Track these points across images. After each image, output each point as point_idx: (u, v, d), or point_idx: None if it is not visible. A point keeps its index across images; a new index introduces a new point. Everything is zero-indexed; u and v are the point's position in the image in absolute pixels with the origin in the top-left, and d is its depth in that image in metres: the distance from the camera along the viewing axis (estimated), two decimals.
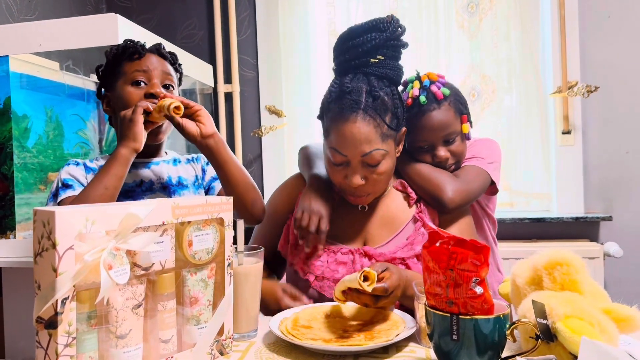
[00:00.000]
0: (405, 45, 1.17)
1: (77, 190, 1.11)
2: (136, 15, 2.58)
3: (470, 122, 1.29)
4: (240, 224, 1.01)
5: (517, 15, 2.28)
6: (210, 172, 1.29)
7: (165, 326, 0.81)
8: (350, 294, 0.96)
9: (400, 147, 1.21)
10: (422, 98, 1.22)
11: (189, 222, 0.83)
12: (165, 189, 1.22)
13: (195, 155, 1.34)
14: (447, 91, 1.24)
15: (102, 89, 1.21)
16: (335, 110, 1.13)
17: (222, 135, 2.50)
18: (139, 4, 2.62)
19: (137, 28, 1.70)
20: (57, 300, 0.65)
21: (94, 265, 0.68)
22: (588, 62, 2.21)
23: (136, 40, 1.19)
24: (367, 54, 1.12)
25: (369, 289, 0.92)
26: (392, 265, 1.03)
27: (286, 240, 1.28)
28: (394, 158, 1.17)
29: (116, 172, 1.03)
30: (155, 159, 1.24)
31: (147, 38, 1.81)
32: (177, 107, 1.05)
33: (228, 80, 2.52)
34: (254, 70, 2.53)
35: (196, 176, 1.29)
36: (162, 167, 1.24)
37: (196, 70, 2.33)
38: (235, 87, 2.50)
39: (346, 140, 1.10)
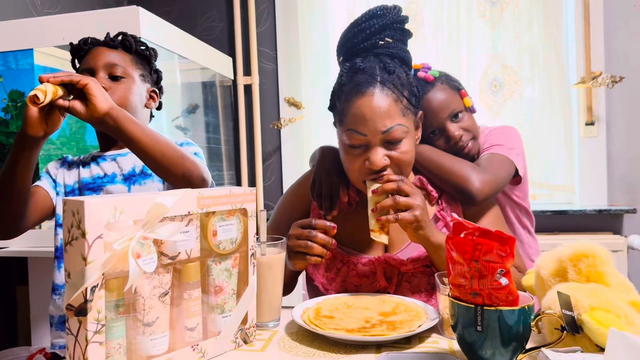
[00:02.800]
0: (410, 33, 1.12)
1: (43, 181, 1.23)
2: (157, 7, 2.60)
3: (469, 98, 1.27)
4: (263, 215, 1.01)
5: (540, 5, 2.24)
6: None
7: (191, 314, 0.82)
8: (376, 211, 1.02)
9: (419, 134, 1.12)
10: None
11: (213, 213, 0.84)
12: (127, 179, 1.22)
13: (177, 141, 1.30)
14: (436, 72, 1.23)
15: None
16: (349, 88, 1.04)
17: (242, 127, 2.52)
18: None
19: (158, 20, 1.71)
20: (86, 288, 0.67)
21: (122, 254, 0.69)
22: (613, 52, 2.17)
23: (86, 38, 1.23)
24: (374, 35, 1.07)
25: (375, 186, 1.02)
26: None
27: None
28: (414, 141, 1.08)
29: (11, 155, 0.99)
30: (123, 151, 1.25)
31: (168, 30, 1.83)
32: (34, 96, 0.90)
33: (247, 72, 2.53)
34: (273, 63, 2.53)
35: None
36: (129, 158, 1.24)
37: (216, 62, 2.34)
38: (255, 80, 2.50)
39: (365, 116, 1.01)
